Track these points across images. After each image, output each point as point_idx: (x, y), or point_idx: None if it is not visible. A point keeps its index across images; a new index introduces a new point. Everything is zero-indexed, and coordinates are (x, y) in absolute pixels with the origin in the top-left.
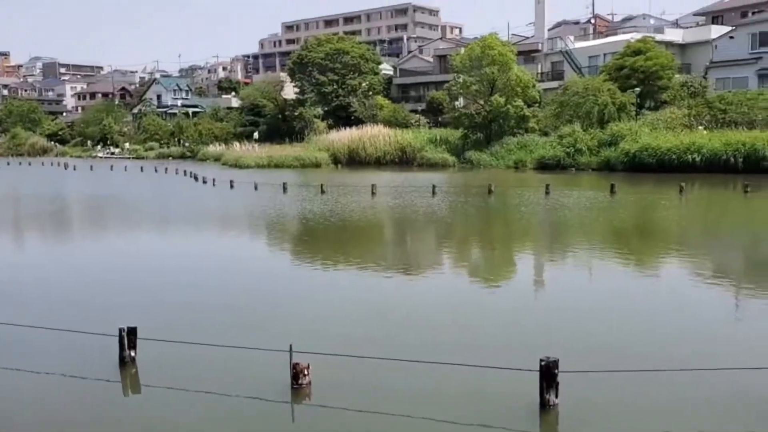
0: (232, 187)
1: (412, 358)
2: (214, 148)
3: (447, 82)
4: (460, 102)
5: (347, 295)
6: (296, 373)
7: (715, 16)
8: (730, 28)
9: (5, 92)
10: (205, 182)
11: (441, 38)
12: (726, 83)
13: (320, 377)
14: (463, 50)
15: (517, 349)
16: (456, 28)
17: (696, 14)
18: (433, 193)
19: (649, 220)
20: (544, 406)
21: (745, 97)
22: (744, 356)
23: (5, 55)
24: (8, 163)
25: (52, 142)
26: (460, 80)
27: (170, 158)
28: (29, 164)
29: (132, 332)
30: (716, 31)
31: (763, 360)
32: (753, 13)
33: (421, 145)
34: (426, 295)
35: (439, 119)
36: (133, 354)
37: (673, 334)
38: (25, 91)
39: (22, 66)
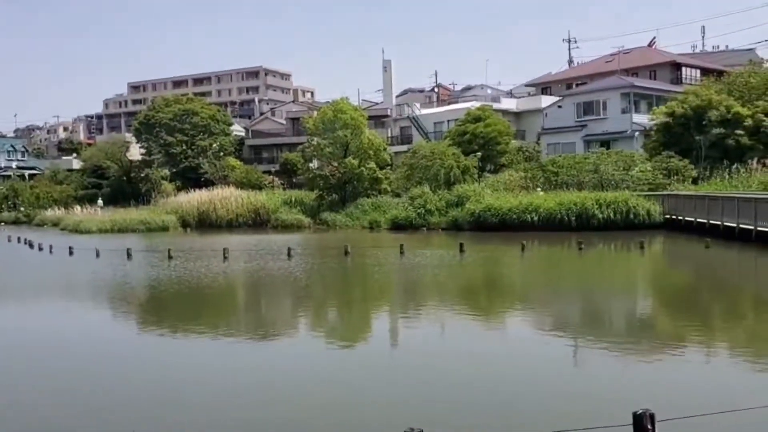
0: (71, 254)
1: None
2: (53, 213)
3: (300, 143)
4: (315, 164)
5: (194, 367)
6: None
7: (544, 87)
8: (557, 98)
9: None
10: (41, 249)
11: (293, 101)
12: (557, 148)
13: None
14: (315, 113)
15: (379, 419)
16: (308, 91)
17: (527, 85)
18: (289, 255)
19: (496, 276)
20: None
21: (574, 161)
22: (599, 411)
23: None
24: None
25: None
26: (314, 142)
27: (2, 224)
28: None
29: None
30: (546, 100)
31: (610, 415)
32: (576, 85)
33: (275, 206)
34: (282, 363)
35: (294, 180)
36: None
37: (528, 394)
38: None
39: None
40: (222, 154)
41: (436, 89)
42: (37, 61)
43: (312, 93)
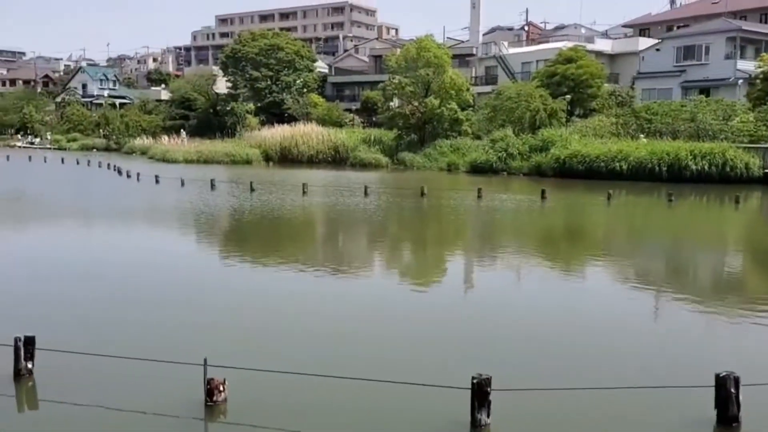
0: (157, 182)
1: (336, 374)
2: (141, 141)
3: (382, 82)
4: (395, 103)
5: (271, 301)
6: (211, 389)
7: (643, 29)
8: (656, 41)
9: None
10: (129, 176)
11: (377, 38)
12: (652, 94)
13: (238, 394)
14: (399, 51)
15: (449, 364)
16: (393, 29)
17: (624, 26)
18: (366, 193)
19: (578, 225)
20: (476, 425)
21: (670, 108)
22: (676, 372)
23: None
24: None
25: None
26: (395, 81)
27: (94, 150)
28: None
29: (29, 341)
30: (643, 43)
31: (690, 376)
32: (678, 27)
33: (354, 144)
34: (354, 303)
35: (374, 119)
36: (30, 366)
37: (606, 349)
38: None
39: None
40: (305, 90)
41: (525, 28)
42: None
43: (396, 30)
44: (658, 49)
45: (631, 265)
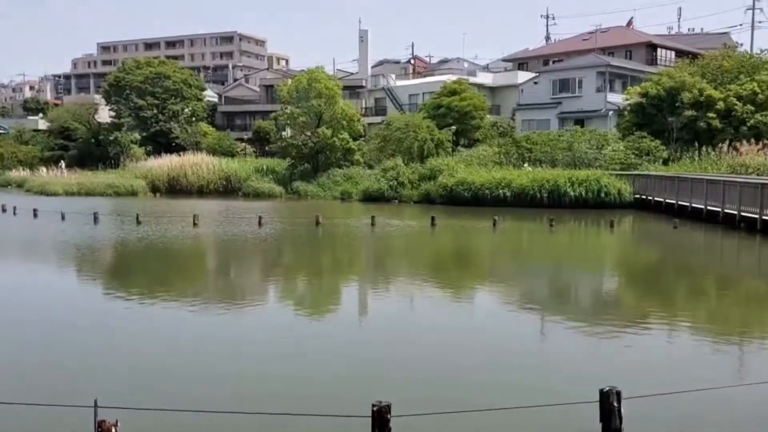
0: (35, 216)
1: (233, 410)
2: (18, 173)
3: (273, 111)
4: (287, 132)
5: (162, 339)
6: (102, 431)
7: (521, 63)
8: (534, 74)
9: None
10: (5, 210)
11: (267, 68)
12: (531, 124)
13: None
14: (290, 81)
15: (348, 392)
16: (282, 59)
17: (504, 60)
18: (260, 223)
19: (466, 250)
20: None
21: (548, 138)
22: (563, 389)
23: None
24: None
25: None
26: (288, 111)
27: None
28: None
29: None
30: (522, 76)
31: (576, 392)
32: (553, 62)
33: (247, 174)
34: (250, 336)
35: (266, 149)
36: None
37: (495, 370)
38: None
39: None
40: (194, 119)
41: (412, 61)
42: (2, 15)
43: (287, 61)
44: (536, 83)
45: (515, 288)
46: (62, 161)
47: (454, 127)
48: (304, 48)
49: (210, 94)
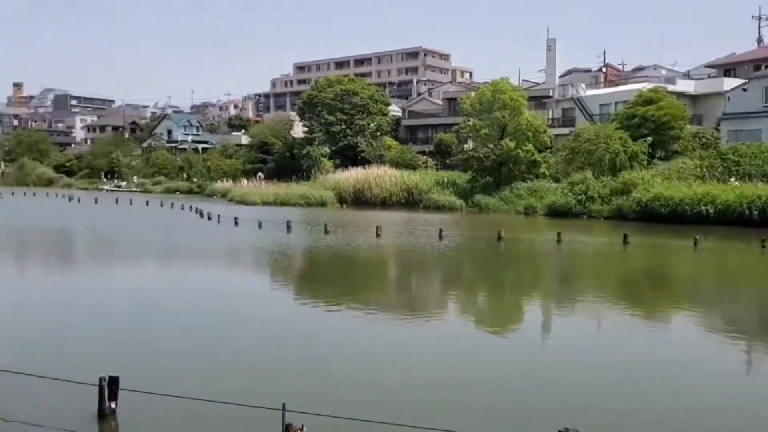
0: (236, 224)
1: (417, 423)
2: (222, 184)
3: (455, 124)
4: (469, 145)
5: (348, 345)
6: None
7: (728, 69)
8: (742, 81)
9: (15, 122)
10: (210, 218)
11: (451, 81)
12: (739, 135)
13: None
14: (473, 94)
15: (530, 415)
16: (466, 72)
17: (708, 66)
18: (440, 236)
19: (662, 271)
20: None
21: (760, 150)
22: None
23: (18, 86)
24: (12, 193)
25: (60, 174)
26: (470, 123)
27: (177, 193)
28: (33, 195)
29: (113, 382)
30: (729, 83)
31: None
32: (766, 67)
33: (428, 187)
34: (433, 348)
35: (447, 161)
36: (113, 406)
37: (690, 404)
38: (35, 122)
39: (33, 97)
40: (379, 133)
41: (603, 69)
42: (210, 43)
43: (470, 74)
44: (745, 89)
45: (719, 316)
46: (260, 173)
47: (649, 139)
48: (488, 60)
49: (394, 109)
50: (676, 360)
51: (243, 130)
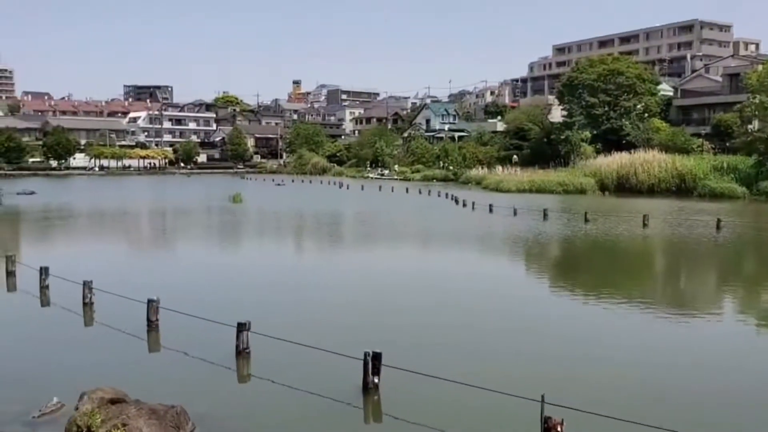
0: (491, 211)
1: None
2: (477, 172)
3: (738, 103)
4: (755, 125)
5: (615, 344)
6: (548, 427)
7: None
8: None
9: (295, 116)
10: (465, 205)
11: (732, 55)
12: None
13: None
14: (760, 67)
15: None
16: (752, 44)
17: None
18: (718, 227)
19: None
20: None
21: None
22: None
23: (297, 83)
24: (293, 180)
25: (331, 163)
26: (756, 101)
27: (434, 180)
28: (310, 182)
29: (376, 357)
30: None
31: None
32: None
33: (703, 173)
34: (698, 346)
35: (727, 144)
36: (376, 380)
37: None
38: (311, 115)
39: (310, 93)
40: (646, 115)
41: None
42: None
43: (757, 45)
44: None
45: None
46: (515, 156)
47: None
48: None
49: (665, 88)
50: None
51: (499, 117)
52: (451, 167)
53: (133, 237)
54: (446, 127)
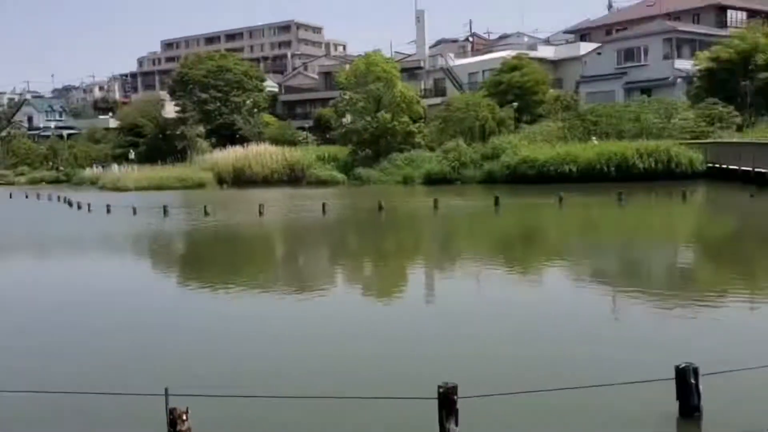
0: (108, 212)
1: (305, 394)
2: (91, 172)
3: (333, 98)
4: (348, 119)
5: (234, 326)
6: (173, 419)
7: (583, 34)
8: (597, 45)
9: None
10: (79, 208)
11: (325, 55)
12: (595, 97)
13: (201, 422)
14: (348, 67)
15: (415, 377)
16: (340, 45)
17: (566, 32)
18: (324, 210)
19: (532, 228)
20: None
21: (614, 110)
22: (638, 366)
23: None
24: None
25: None
26: (347, 97)
27: (43, 183)
28: None
29: None
30: (585, 47)
31: (651, 369)
32: (616, 31)
33: (309, 162)
34: (318, 319)
35: (327, 136)
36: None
37: (567, 348)
38: None
39: None
40: (256, 110)
41: (470, 39)
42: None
43: (344, 46)
44: (599, 53)
45: (585, 265)
46: (131, 152)
47: (515, 104)
48: (360, 33)
49: (270, 85)
50: (549, 310)
51: (110, 113)
52: (61, 168)
53: None
54: (52, 124)
